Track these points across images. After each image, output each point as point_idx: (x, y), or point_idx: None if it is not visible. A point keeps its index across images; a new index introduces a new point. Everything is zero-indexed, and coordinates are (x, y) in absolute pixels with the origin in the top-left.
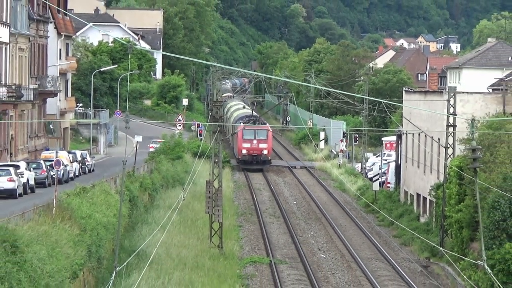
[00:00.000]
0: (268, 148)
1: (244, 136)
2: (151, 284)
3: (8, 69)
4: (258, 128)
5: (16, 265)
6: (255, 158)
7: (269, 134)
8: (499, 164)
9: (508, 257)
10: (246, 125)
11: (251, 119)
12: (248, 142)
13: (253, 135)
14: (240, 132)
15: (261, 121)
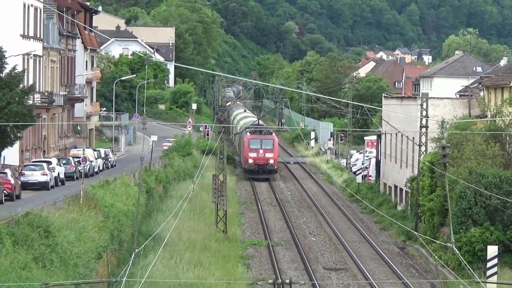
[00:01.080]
0: (275, 158)
1: (251, 146)
2: (165, 264)
3: (41, 78)
4: (264, 137)
5: (49, 247)
6: (262, 167)
7: (275, 144)
8: (465, 160)
9: (474, 240)
10: (252, 135)
11: (257, 128)
12: (254, 151)
13: (259, 144)
14: (247, 141)
15: (267, 131)
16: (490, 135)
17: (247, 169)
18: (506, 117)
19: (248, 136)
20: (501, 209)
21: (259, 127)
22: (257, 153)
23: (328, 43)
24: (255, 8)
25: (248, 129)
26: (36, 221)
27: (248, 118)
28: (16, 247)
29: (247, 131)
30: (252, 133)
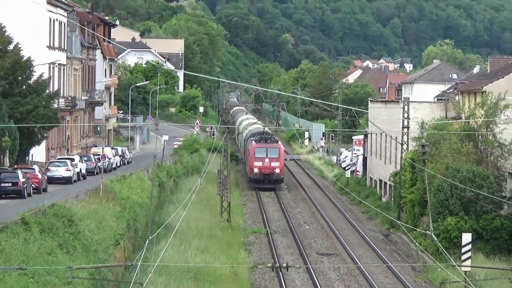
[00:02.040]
0: (280, 167)
1: (256, 155)
2: (176, 250)
3: (65, 85)
4: (270, 146)
5: (72, 235)
6: (267, 177)
7: (281, 152)
8: (442, 157)
9: (450, 228)
10: (257, 143)
11: (263, 136)
12: (259, 160)
13: (264, 153)
14: (252, 150)
15: (273, 139)
16: (464, 135)
17: (252, 178)
18: (479, 118)
19: (253, 144)
20: (474, 201)
21: (264, 135)
22: (263, 162)
23: (320, 53)
24: (255, 22)
25: (253, 136)
26: (61, 212)
27: (253, 125)
28: (43, 234)
29: (252, 139)
30: (257, 142)
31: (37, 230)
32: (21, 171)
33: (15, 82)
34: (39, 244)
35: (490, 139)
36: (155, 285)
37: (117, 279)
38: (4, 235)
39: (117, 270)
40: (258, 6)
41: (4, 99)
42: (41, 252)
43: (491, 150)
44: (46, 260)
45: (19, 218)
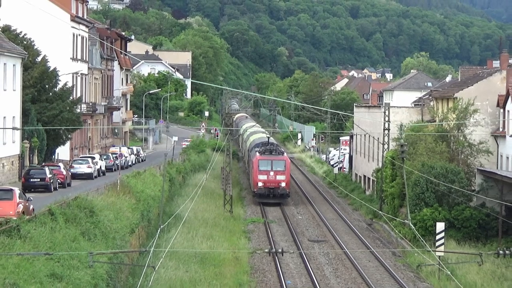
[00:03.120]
0: (286, 180)
1: (260, 167)
2: (184, 237)
3: (86, 92)
4: (275, 158)
5: (93, 224)
6: (272, 191)
7: (287, 165)
8: (419, 155)
9: (425, 218)
10: (261, 155)
11: (267, 148)
12: (264, 173)
13: (269, 166)
14: (256, 162)
15: (278, 150)
16: (438, 136)
17: (257, 192)
18: (451, 121)
19: (257, 156)
20: (447, 194)
21: (269, 146)
22: (267, 175)
23: (311, 64)
24: (254, 36)
25: (257, 146)
26: (83, 204)
27: (257, 134)
28: (67, 224)
29: (256, 151)
30: (261, 153)
31: (62, 220)
32: (48, 168)
33: (43, 90)
34: (64, 232)
35: (461, 140)
36: (166, 268)
37: (133, 263)
38: (33, 224)
39: (133, 255)
40: (257, 23)
41: (33, 105)
42: (65, 239)
43: (462, 149)
44: (70, 246)
45: (46, 210)
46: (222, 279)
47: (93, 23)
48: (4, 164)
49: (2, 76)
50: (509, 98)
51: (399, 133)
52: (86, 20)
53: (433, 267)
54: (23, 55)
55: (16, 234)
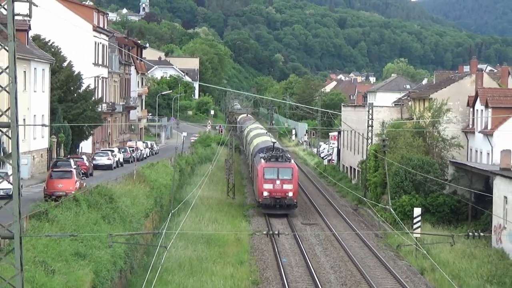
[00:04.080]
0: (294, 190)
1: (266, 176)
2: (192, 220)
3: (106, 93)
4: (282, 166)
5: (112, 209)
6: (279, 201)
7: (295, 173)
8: (398, 149)
9: (404, 204)
10: (267, 163)
11: (273, 154)
12: (270, 182)
13: (275, 174)
14: (260, 170)
15: (284, 157)
16: (415, 132)
17: (262, 203)
18: (426, 119)
19: (262, 164)
20: (423, 183)
21: (275, 153)
22: (273, 184)
23: (304, 69)
24: (254, 44)
25: (261, 151)
26: (103, 191)
27: (261, 137)
28: (90, 209)
29: (261, 157)
30: (267, 160)
31: (85, 205)
32: (73, 159)
33: (68, 91)
34: (87, 216)
35: (435, 135)
36: (176, 248)
37: (147, 243)
38: (60, 209)
39: (147, 236)
40: (256, 33)
41: (60, 104)
42: (88, 222)
43: (436, 143)
44: (92, 228)
45: (71, 196)
46: (225, 257)
47: (112, 33)
48: (35, 156)
49: (33, 79)
50: (478, 98)
51: (381, 129)
52: (106, 30)
53: (410, 247)
54: (51, 60)
55: (44, 218)
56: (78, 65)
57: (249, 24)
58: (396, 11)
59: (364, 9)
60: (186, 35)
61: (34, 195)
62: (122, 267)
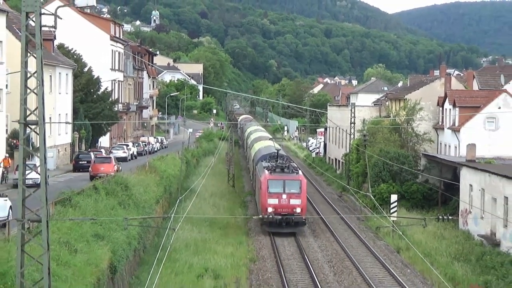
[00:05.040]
0: (302, 205)
1: (270, 189)
2: (197, 206)
3: (122, 95)
4: (288, 177)
5: (127, 196)
6: (285, 218)
7: (303, 186)
8: (377, 143)
9: (382, 191)
10: (272, 174)
11: (278, 164)
12: (275, 196)
13: (281, 187)
14: (264, 183)
15: (291, 167)
16: (392, 128)
17: (266, 220)
18: (402, 117)
19: (266, 175)
20: (399, 173)
21: (280, 162)
22: (279, 199)
23: (295, 73)
24: (251, 52)
25: (264, 159)
26: (120, 180)
27: (263, 142)
28: (108, 196)
29: (264, 167)
30: (271, 171)
31: (103, 193)
32: (92, 153)
33: (89, 93)
34: (105, 202)
35: (410, 131)
36: (183, 230)
37: (158, 226)
38: (82, 196)
39: (158, 220)
40: (253, 42)
41: (81, 105)
42: (106, 207)
43: (410, 138)
44: (110, 213)
45: (91, 185)
46: (226, 238)
47: (127, 42)
48: (59, 150)
49: (58, 83)
50: (447, 99)
51: (362, 126)
52: (122, 40)
53: (388, 228)
54: (74, 66)
55: (68, 204)
56: (97, 70)
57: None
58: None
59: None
60: (191, 44)
61: (58, 184)
62: (136, 247)
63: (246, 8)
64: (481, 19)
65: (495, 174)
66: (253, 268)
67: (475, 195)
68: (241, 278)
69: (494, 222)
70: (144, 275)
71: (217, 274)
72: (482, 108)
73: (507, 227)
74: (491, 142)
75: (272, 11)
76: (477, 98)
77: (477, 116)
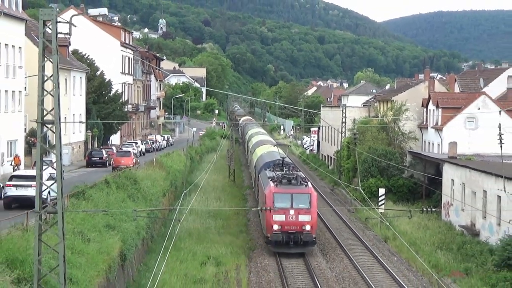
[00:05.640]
0: (312, 222)
1: (276, 204)
2: (200, 199)
3: (132, 96)
4: (297, 191)
5: (136, 189)
6: (293, 237)
7: (313, 200)
8: (366, 141)
9: (371, 185)
10: (278, 187)
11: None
12: (281, 213)
13: (289, 202)
14: (269, 197)
15: (299, 179)
16: (380, 127)
17: (271, 239)
18: (389, 117)
19: (272, 188)
20: (386, 168)
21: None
22: (286, 215)
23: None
24: (250, 57)
25: (268, 167)
26: (129, 175)
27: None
28: (118, 189)
29: (270, 179)
30: (277, 183)
31: (114, 186)
32: (104, 150)
33: (101, 95)
34: (116, 195)
35: (396, 130)
36: (188, 221)
37: (164, 217)
38: (94, 190)
39: (164, 211)
40: (252, 48)
41: (94, 105)
42: (117, 200)
43: (397, 137)
44: (120, 205)
45: (103, 179)
46: (227, 228)
47: (136, 48)
48: (74, 147)
49: (72, 85)
50: (430, 100)
51: (352, 125)
52: (131, 46)
53: (376, 220)
54: (87, 70)
55: (82, 197)
56: (109, 73)
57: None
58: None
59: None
60: (195, 50)
61: (73, 179)
62: (144, 236)
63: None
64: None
65: (474, 169)
66: (252, 256)
67: (456, 189)
68: (241, 265)
69: (473, 214)
70: (151, 262)
71: (219, 262)
72: (462, 109)
73: (486, 218)
74: (471, 140)
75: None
76: (458, 100)
77: (458, 116)
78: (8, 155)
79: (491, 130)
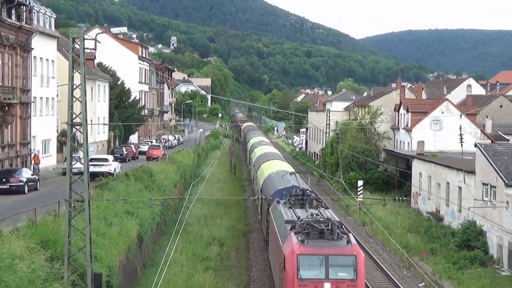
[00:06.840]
0: None
1: (302, 272)
2: (206, 189)
3: (148, 102)
4: (335, 251)
5: (151, 181)
6: None
7: (360, 265)
8: (347, 140)
9: (351, 178)
10: (305, 245)
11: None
12: (311, 286)
13: (322, 269)
14: (291, 260)
15: (334, 228)
16: (359, 128)
17: None
18: (366, 120)
19: (295, 246)
20: (364, 163)
21: (316, 220)
22: None
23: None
24: (249, 69)
25: (281, 198)
26: (145, 169)
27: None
28: (136, 181)
29: (289, 228)
30: (303, 239)
31: (133, 178)
32: (124, 148)
33: (121, 101)
34: (134, 186)
35: (373, 131)
36: (196, 208)
37: (175, 205)
38: (116, 181)
39: (175, 200)
40: (250, 61)
41: (116, 110)
42: (135, 190)
43: (373, 136)
44: (138, 195)
45: (123, 173)
46: (229, 214)
47: (151, 61)
48: (98, 145)
49: (97, 93)
50: (401, 106)
51: (335, 127)
52: (147, 59)
53: (355, 207)
54: (109, 80)
55: (105, 187)
56: (128, 83)
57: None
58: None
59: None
60: (202, 62)
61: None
62: (158, 221)
63: (244, 35)
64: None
65: (439, 164)
66: (250, 238)
67: (424, 181)
68: (240, 246)
69: (438, 202)
70: (165, 243)
71: (222, 243)
72: (429, 113)
73: (449, 206)
74: (436, 139)
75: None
76: (425, 105)
77: (425, 119)
78: (43, 152)
79: (453, 131)
